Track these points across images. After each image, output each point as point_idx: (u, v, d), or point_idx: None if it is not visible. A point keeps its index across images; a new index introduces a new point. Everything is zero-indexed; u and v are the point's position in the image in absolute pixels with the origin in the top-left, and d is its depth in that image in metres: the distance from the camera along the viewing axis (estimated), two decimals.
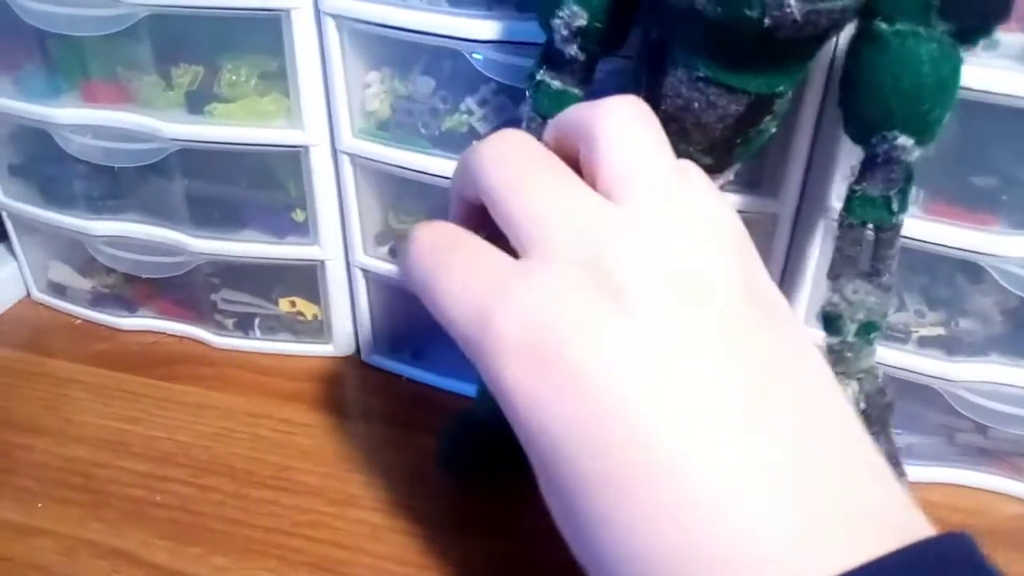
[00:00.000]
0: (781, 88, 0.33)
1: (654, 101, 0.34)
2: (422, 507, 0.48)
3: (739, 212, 0.38)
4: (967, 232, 0.42)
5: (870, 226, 0.35)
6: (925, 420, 0.49)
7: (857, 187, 0.35)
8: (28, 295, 0.66)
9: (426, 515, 0.48)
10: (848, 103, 0.34)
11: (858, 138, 0.34)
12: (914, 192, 0.43)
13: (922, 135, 0.32)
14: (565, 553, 0.43)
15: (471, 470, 0.49)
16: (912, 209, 0.43)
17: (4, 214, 0.62)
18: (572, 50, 0.35)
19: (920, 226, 0.42)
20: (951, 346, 0.46)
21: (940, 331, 0.47)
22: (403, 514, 0.48)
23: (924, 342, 0.47)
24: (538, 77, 0.37)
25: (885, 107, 0.32)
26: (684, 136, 0.34)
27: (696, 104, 0.33)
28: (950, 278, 0.46)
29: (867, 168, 0.34)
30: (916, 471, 0.49)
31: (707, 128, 0.34)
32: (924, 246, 0.43)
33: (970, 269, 0.44)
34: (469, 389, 0.55)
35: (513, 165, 0.27)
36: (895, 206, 0.35)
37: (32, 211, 0.60)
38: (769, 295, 0.26)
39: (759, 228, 0.45)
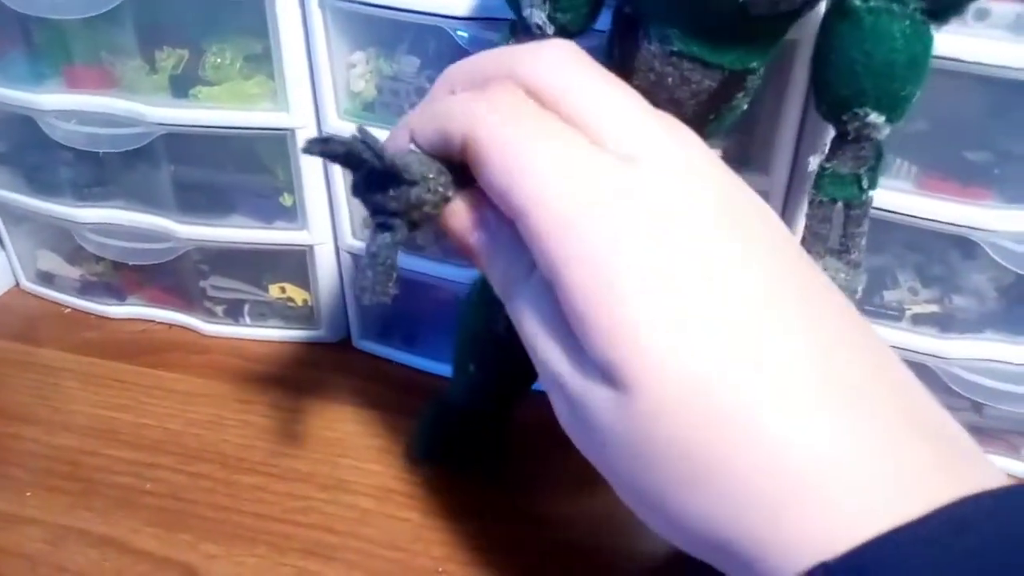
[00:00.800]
0: (754, 64, 0.32)
1: (625, 75, 0.33)
2: (413, 492, 0.48)
3: None
4: (961, 207, 0.41)
5: (840, 203, 0.35)
6: None
7: (827, 164, 0.34)
8: (17, 284, 0.66)
9: (417, 499, 0.47)
10: (820, 80, 0.34)
11: (829, 115, 0.34)
12: (907, 167, 0.43)
13: (893, 112, 0.32)
14: (552, 534, 0.43)
15: (448, 455, 0.49)
16: (905, 184, 0.43)
17: None
18: (540, 19, 0.34)
19: (913, 201, 0.42)
20: (945, 323, 0.46)
21: (934, 308, 0.46)
22: (394, 499, 0.47)
23: (918, 319, 0.46)
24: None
25: (857, 84, 0.32)
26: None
27: (669, 79, 0.32)
28: (943, 254, 0.46)
29: (837, 146, 0.34)
30: None
31: (680, 104, 0.33)
32: (917, 222, 0.42)
33: (964, 245, 0.43)
34: None
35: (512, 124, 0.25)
36: (865, 183, 0.35)
37: (18, 199, 0.59)
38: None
39: None
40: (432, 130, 0.26)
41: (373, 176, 0.26)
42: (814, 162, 0.37)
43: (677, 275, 0.22)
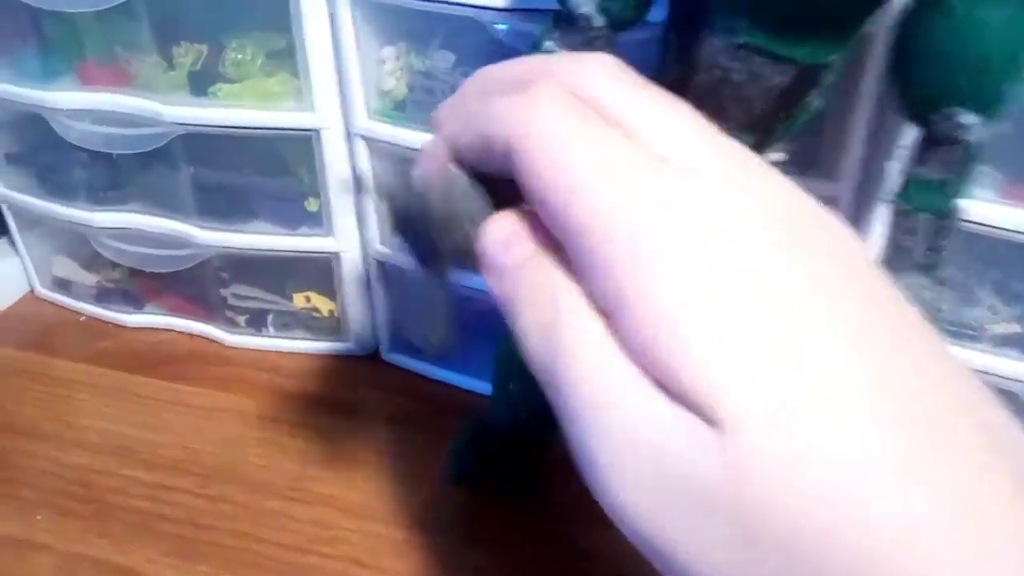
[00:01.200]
0: (831, 58, 0.29)
1: (685, 73, 0.30)
2: (446, 520, 0.45)
3: None
4: None
5: (925, 214, 0.31)
6: None
7: (912, 171, 0.31)
8: (32, 291, 0.63)
9: (451, 529, 0.44)
10: (902, 76, 0.30)
11: (914, 116, 0.30)
12: (991, 174, 0.39)
13: (988, 112, 0.28)
14: (599, 569, 0.39)
15: (486, 479, 0.45)
16: (987, 193, 0.39)
17: (4, 206, 0.59)
18: (588, 8, 0.31)
19: (995, 211, 0.38)
20: None
21: (1016, 328, 0.42)
22: (425, 528, 0.44)
23: (999, 340, 0.42)
24: (545, 46, 0.33)
25: (947, 80, 0.28)
26: (720, 113, 0.30)
27: (736, 75, 0.29)
28: None
29: (924, 149, 0.30)
30: None
31: (747, 103, 0.30)
32: (1000, 234, 0.39)
33: None
34: None
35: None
36: (953, 191, 0.31)
37: (32, 202, 0.57)
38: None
39: None
40: (470, 137, 0.23)
41: (413, 216, 0.23)
42: (896, 168, 0.33)
43: (741, 301, 0.19)
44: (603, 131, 0.21)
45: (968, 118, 0.28)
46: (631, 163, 0.21)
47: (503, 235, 0.23)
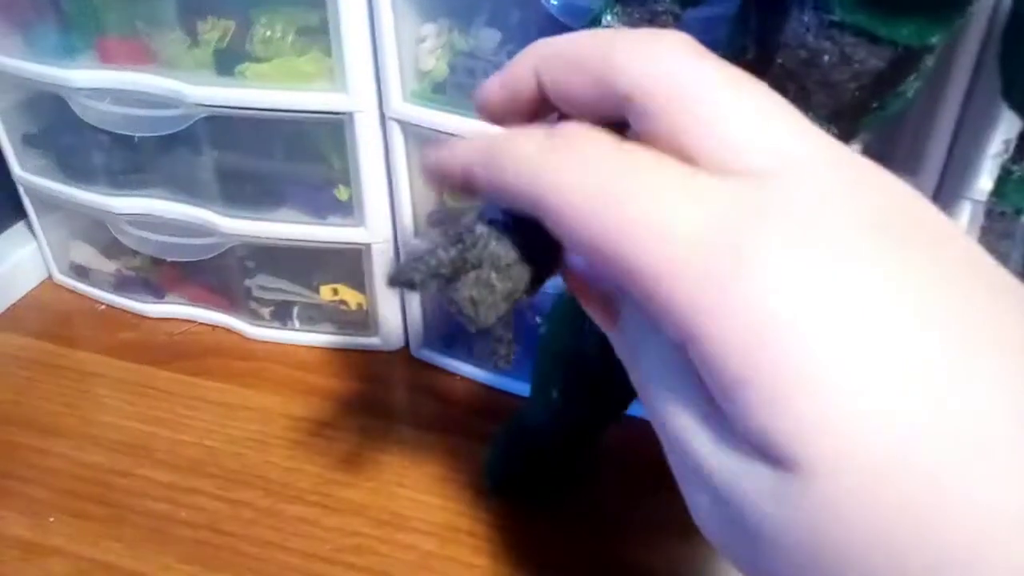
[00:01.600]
0: (935, 39, 0.26)
1: (765, 54, 0.27)
2: (482, 531, 0.42)
3: None
4: None
5: None
6: None
7: (1015, 167, 0.28)
8: (50, 277, 0.61)
9: (487, 541, 0.41)
10: (1014, 61, 0.27)
11: (1022, 105, 0.28)
12: None
13: None
14: None
15: (525, 488, 0.43)
16: None
17: (21, 189, 0.57)
18: None
19: None
20: None
21: None
22: (460, 539, 0.41)
23: None
24: (605, 20, 0.30)
25: None
26: (803, 98, 0.28)
27: (826, 57, 0.26)
28: None
29: None
30: None
31: (836, 88, 0.27)
32: None
33: None
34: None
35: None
36: None
37: (50, 186, 0.54)
38: None
39: None
40: (493, 188, 0.20)
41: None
42: (992, 164, 0.30)
43: (852, 324, 0.16)
44: (638, 160, 0.19)
45: None
46: (686, 185, 0.18)
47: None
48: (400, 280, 0.20)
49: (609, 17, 0.30)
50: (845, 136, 0.30)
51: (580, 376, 0.38)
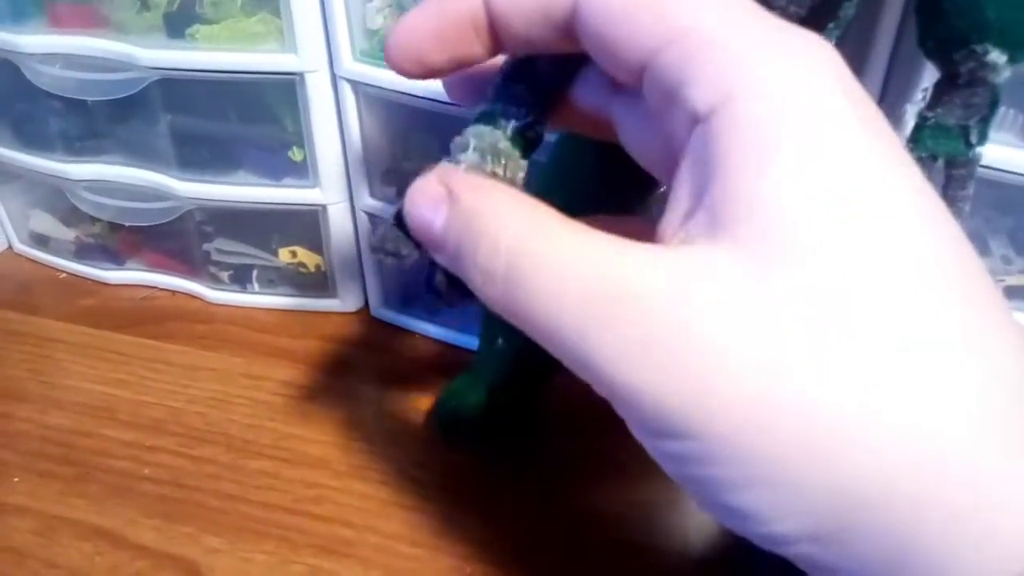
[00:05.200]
0: None
1: None
2: (436, 480, 0.43)
3: None
4: None
5: (940, 161, 0.29)
6: None
7: (929, 114, 0.29)
8: (9, 247, 0.61)
9: (441, 489, 0.43)
10: (929, 9, 0.28)
11: (936, 53, 0.28)
12: (1011, 115, 0.37)
13: (1017, 50, 0.27)
14: (591, 531, 0.38)
15: (476, 438, 0.44)
16: (1006, 136, 0.37)
17: None
18: None
19: (1015, 156, 0.36)
20: None
21: None
22: (414, 488, 0.43)
23: (1012, 292, 0.41)
24: None
25: (978, 14, 0.26)
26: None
27: None
28: None
29: (945, 91, 0.29)
30: None
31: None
32: (1016, 179, 0.37)
33: None
34: None
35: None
36: (973, 137, 0.29)
37: (6, 154, 0.55)
38: None
39: None
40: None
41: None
42: (911, 111, 0.31)
43: None
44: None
45: (996, 56, 0.27)
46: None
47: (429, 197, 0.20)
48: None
49: None
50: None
51: None
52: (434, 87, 0.41)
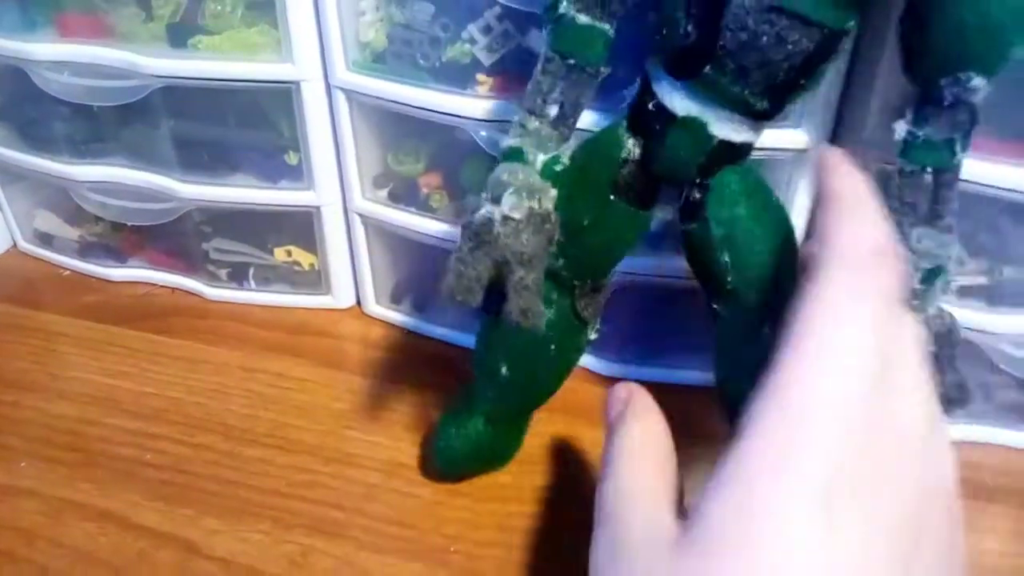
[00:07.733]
0: (852, 24, 0.30)
1: (709, 35, 0.30)
2: (422, 467, 0.45)
3: (761, 151, 0.35)
4: (1015, 169, 0.38)
5: (929, 170, 0.32)
6: None
7: (919, 132, 0.31)
8: (14, 245, 0.64)
9: (427, 473, 0.45)
10: (916, 43, 0.30)
11: (922, 80, 0.30)
12: None
13: (993, 73, 0.29)
14: (577, 513, 0.40)
15: (478, 469, 0.45)
16: None
17: None
18: None
19: (969, 166, 0.38)
20: (993, 296, 0.43)
21: (982, 280, 0.43)
22: (403, 473, 0.45)
23: (964, 292, 0.43)
24: (561, 9, 0.32)
25: (964, 47, 0.28)
26: (743, 76, 0.30)
27: (764, 39, 0.29)
28: (993, 222, 0.42)
29: (931, 112, 0.30)
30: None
31: (771, 67, 0.30)
32: (965, 187, 0.39)
33: (1016, 211, 0.40)
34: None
35: None
36: (958, 148, 0.31)
37: (13, 156, 0.57)
38: None
39: (781, 167, 0.42)
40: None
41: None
42: (900, 129, 0.33)
43: None
44: None
45: (978, 82, 0.29)
46: None
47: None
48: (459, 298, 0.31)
49: (565, 3, 0.32)
50: (775, 110, 0.32)
51: (532, 348, 0.38)
52: (421, 96, 0.44)
